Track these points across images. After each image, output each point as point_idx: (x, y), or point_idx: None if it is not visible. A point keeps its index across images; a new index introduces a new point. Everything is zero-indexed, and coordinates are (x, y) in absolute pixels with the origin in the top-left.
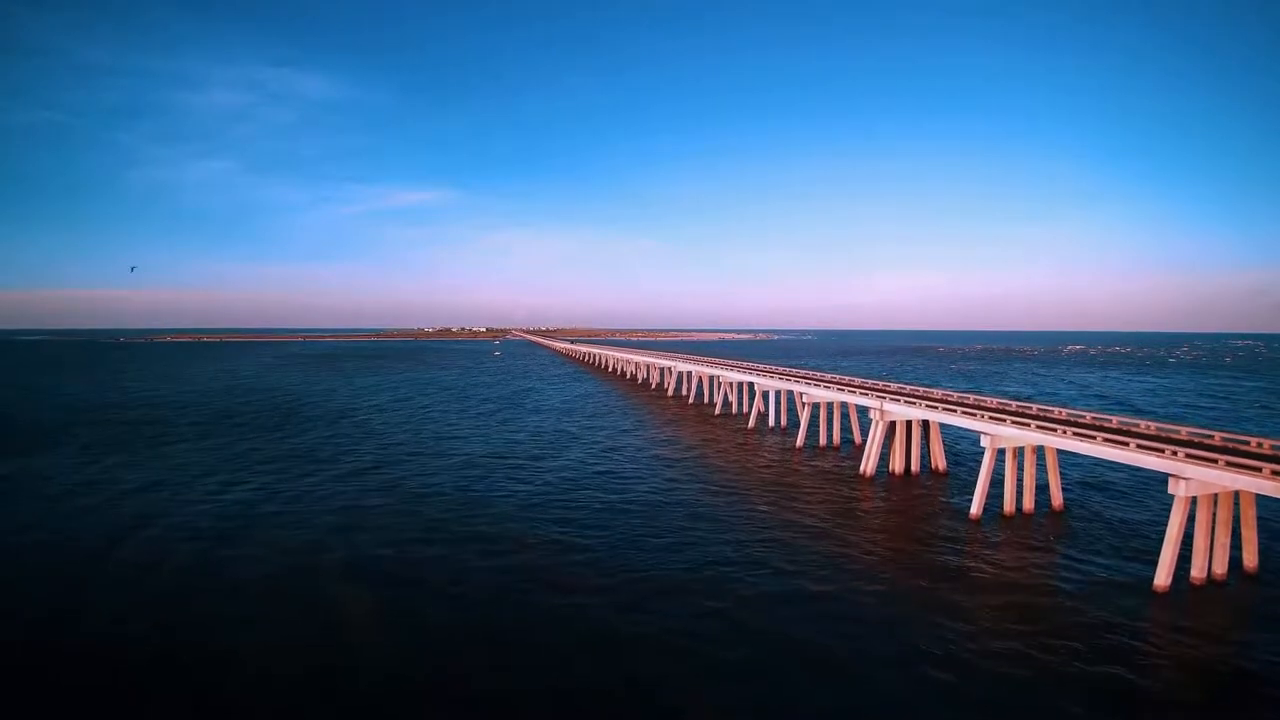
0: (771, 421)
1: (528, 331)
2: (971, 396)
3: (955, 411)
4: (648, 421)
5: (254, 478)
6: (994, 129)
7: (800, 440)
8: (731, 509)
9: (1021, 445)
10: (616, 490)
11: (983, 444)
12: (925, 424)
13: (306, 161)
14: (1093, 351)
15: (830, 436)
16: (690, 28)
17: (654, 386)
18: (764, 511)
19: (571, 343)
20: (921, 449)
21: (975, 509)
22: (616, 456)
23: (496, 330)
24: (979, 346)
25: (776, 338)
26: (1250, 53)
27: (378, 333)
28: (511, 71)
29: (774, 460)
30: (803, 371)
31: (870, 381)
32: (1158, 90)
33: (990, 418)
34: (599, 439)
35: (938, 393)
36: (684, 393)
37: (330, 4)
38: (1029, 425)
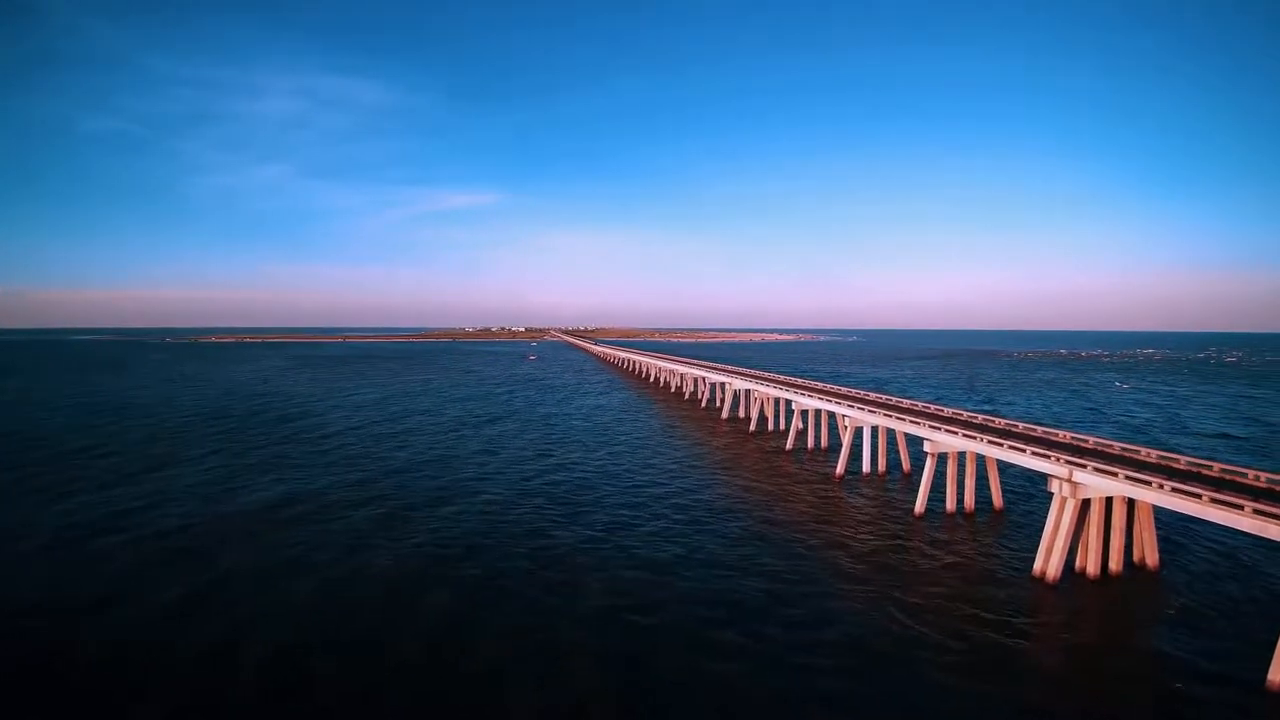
0: (866, 467)
1: (566, 332)
2: (1216, 465)
3: (1225, 507)
4: (700, 463)
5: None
6: (1052, 131)
7: (920, 504)
8: (813, 656)
9: None
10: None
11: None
12: (1131, 501)
13: (358, 166)
14: (1161, 357)
15: (961, 499)
16: (731, 30)
17: (704, 404)
18: (877, 648)
19: (595, 343)
20: (1126, 534)
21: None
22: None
23: (536, 331)
24: (1044, 351)
25: (823, 339)
26: None
27: (418, 332)
28: (556, 73)
29: (882, 543)
30: (912, 403)
31: (1023, 425)
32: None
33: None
34: (641, 489)
35: (1149, 452)
36: (740, 415)
37: (379, 10)
38: None
